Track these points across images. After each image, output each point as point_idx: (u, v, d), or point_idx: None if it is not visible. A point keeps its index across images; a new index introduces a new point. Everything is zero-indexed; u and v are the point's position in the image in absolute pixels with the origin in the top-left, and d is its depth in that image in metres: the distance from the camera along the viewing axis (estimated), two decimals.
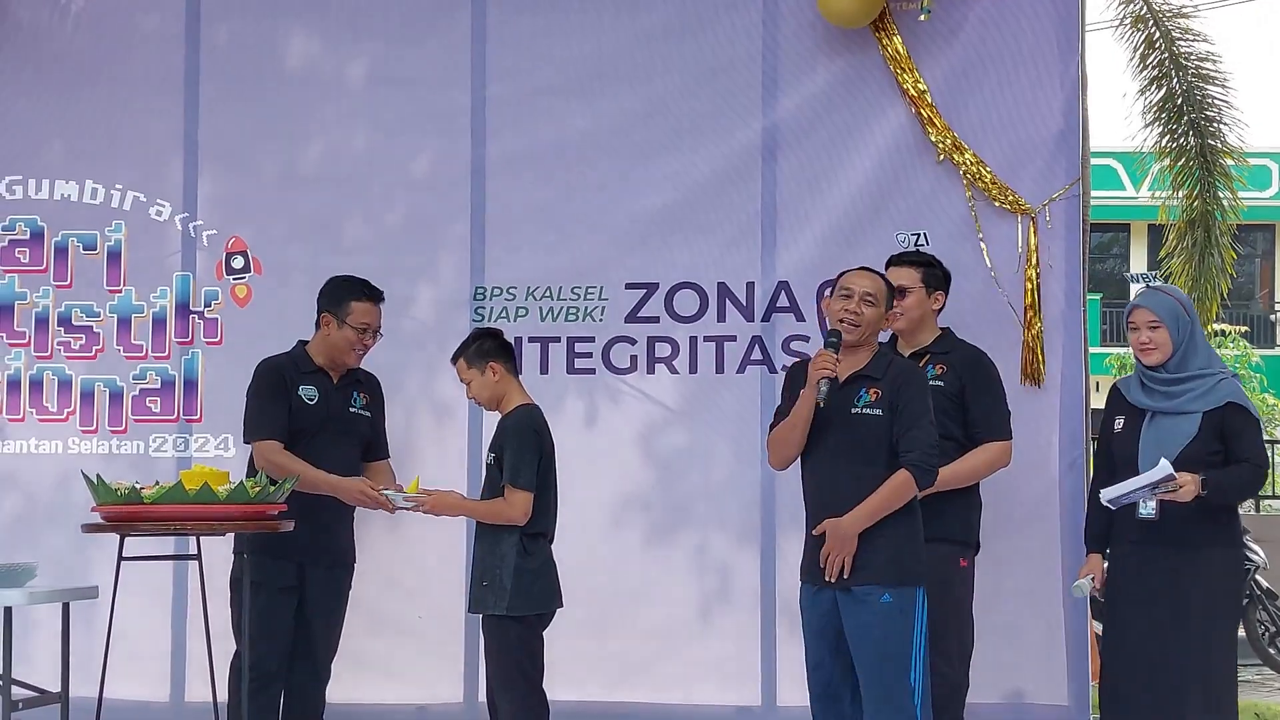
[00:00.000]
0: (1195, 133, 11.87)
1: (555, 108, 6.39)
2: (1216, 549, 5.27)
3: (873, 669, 4.84)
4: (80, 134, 6.50)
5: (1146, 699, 5.27)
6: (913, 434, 4.87)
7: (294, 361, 5.74)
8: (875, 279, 5.09)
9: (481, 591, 5.29)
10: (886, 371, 4.95)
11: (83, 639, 5.64)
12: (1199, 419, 5.25)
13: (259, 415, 5.64)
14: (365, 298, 5.71)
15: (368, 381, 5.87)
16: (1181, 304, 5.41)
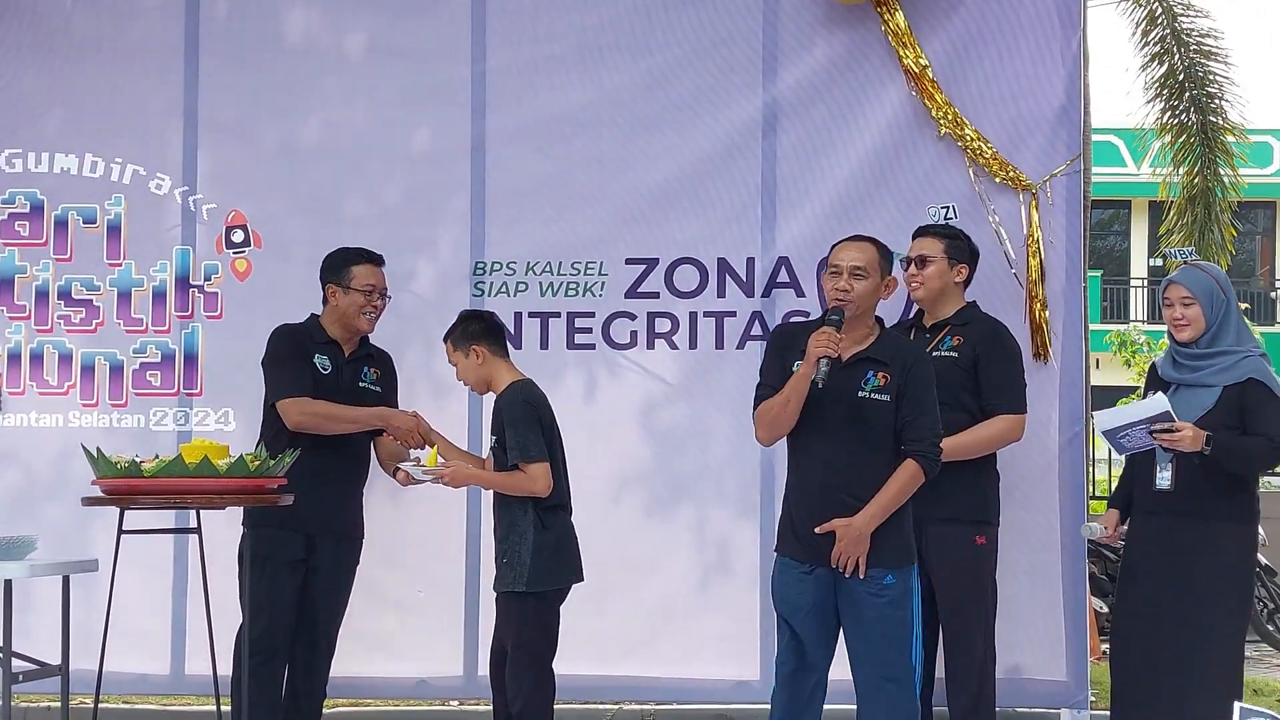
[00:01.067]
0: (1196, 109, 11.87)
1: (555, 81, 6.37)
2: (1230, 524, 5.28)
3: (876, 650, 4.83)
4: (80, 107, 6.49)
5: (1152, 669, 5.30)
6: (919, 422, 4.83)
7: (308, 330, 5.74)
8: (863, 248, 4.95)
9: (501, 569, 5.29)
10: (895, 356, 4.87)
11: (83, 612, 5.64)
12: (1218, 392, 5.25)
13: (283, 374, 5.59)
14: (365, 261, 5.72)
15: (379, 357, 5.86)
16: (1218, 282, 5.38)
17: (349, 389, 5.70)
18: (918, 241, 5.71)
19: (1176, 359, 5.40)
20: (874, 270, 4.91)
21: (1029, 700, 6.14)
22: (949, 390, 5.51)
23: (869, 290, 4.89)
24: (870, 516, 4.78)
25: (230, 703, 5.54)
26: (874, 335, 4.92)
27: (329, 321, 5.75)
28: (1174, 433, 5.12)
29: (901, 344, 5.00)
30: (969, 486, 5.53)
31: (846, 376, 4.83)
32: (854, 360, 4.86)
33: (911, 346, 5.07)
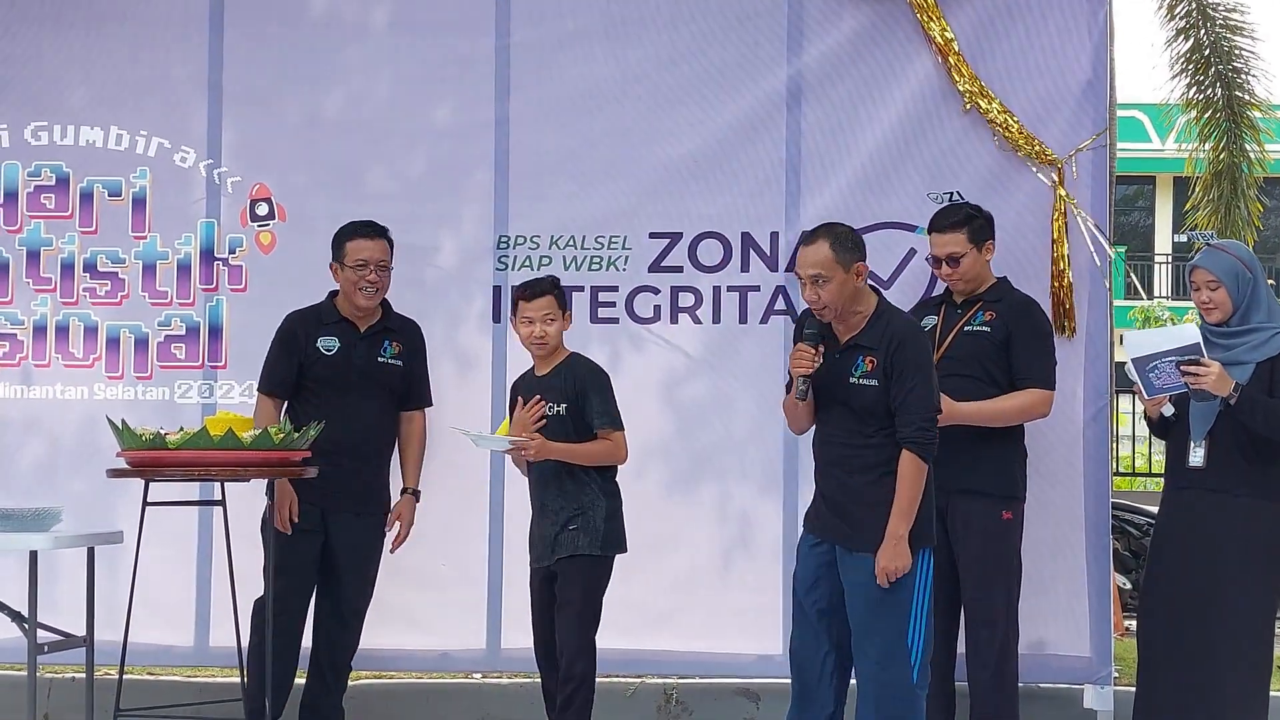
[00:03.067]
0: (1222, 84, 11.81)
1: (579, 55, 6.36)
2: (1262, 502, 5.26)
3: (871, 629, 4.86)
4: (105, 80, 6.49)
5: (1180, 646, 5.30)
6: (907, 404, 4.82)
7: (318, 313, 5.78)
8: (817, 250, 4.87)
9: (569, 535, 5.31)
10: (882, 338, 4.87)
11: (107, 583, 5.67)
12: (1251, 369, 5.24)
13: (263, 367, 5.79)
14: (357, 235, 5.73)
15: (403, 329, 5.85)
16: (1243, 261, 5.36)
17: (365, 365, 5.71)
18: (937, 239, 5.62)
19: (1209, 338, 5.37)
20: (833, 268, 4.86)
21: (1052, 676, 6.13)
22: (980, 365, 5.53)
23: (836, 290, 4.87)
24: (898, 525, 4.80)
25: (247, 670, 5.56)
26: (867, 318, 4.92)
27: (341, 299, 5.78)
28: (1201, 369, 5.10)
29: (890, 325, 4.92)
30: (997, 461, 5.55)
31: (839, 364, 4.90)
32: (846, 347, 4.92)
33: (900, 326, 4.93)
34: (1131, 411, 13.09)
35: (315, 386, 5.70)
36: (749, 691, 6.31)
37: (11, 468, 6.46)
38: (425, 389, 5.94)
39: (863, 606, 4.87)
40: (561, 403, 5.38)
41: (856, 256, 4.91)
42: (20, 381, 6.46)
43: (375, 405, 5.73)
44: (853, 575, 4.89)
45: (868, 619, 4.87)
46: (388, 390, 5.78)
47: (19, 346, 6.46)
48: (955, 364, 5.57)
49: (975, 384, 5.55)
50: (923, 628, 4.86)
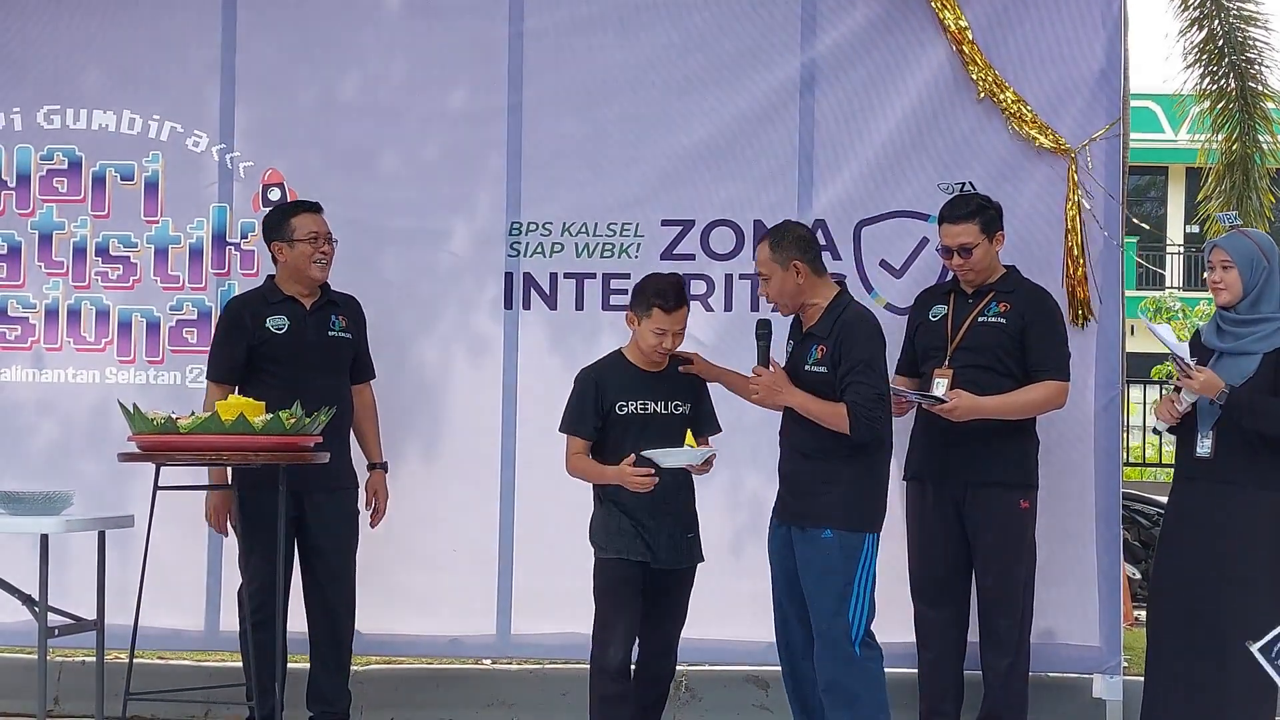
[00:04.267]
0: (1236, 75, 11.79)
1: (593, 42, 6.34)
2: (1269, 493, 5.26)
3: (813, 601, 5.14)
4: (117, 63, 6.48)
5: (1188, 636, 5.30)
6: (851, 387, 5.05)
7: (262, 295, 5.82)
8: (760, 250, 5.25)
9: (687, 541, 5.34)
10: (832, 329, 5.13)
11: (118, 567, 5.69)
12: (1258, 359, 5.24)
13: (210, 357, 5.84)
14: (303, 211, 5.78)
15: (346, 304, 5.88)
16: (1260, 248, 5.35)
17: (317, 340, 5.74)
18: (948, 230, 5.63)
19: (1220, 325, 5.38)
20: (771, 266, 5.20)
21: (1061, 665, 6.13)
22: (995, 356, 5.54)
23: (778, 286, 5.21)
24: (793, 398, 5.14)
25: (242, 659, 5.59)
26: (822, 309, 5.19)
27: (284, 279, 5.79)
28: (1191, 377, 5.17)
29: (841, 316, 5.16)
30: (1013, 450, 5.56)
31: (798, 352, 5.24)
32: (804, 336, 5.23)
33: (848, 317, 5.16)
34: (1143, 401, 13.09)
35: (269, 366, 5.70)
36: (758, 679, 6.31)
37: (23, 451, 6.46)
38: (370, 361, 5.97)
39: (810, 581, 5.15)
40: (687, 403, 5.38)
41: (794, 255, 5.18)
42: (32, 365, 6.47)
43: (330, 379, 5.74)
44: (802, 550, 5.17)
45: (814, 593, 5.14)
46: (340, 364, 5.81)
47: (31, 330, 6.46)
48: (971, 355, 5.57)
49: (991, 375, 5.55)
50: (864, 605, 5.11)
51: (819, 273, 5.25)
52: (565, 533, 6.11)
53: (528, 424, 6.28)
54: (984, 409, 5.47)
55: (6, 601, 5.40)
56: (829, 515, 5.11)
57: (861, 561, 5.12)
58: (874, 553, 5.16)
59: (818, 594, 5.14)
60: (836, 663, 5.12)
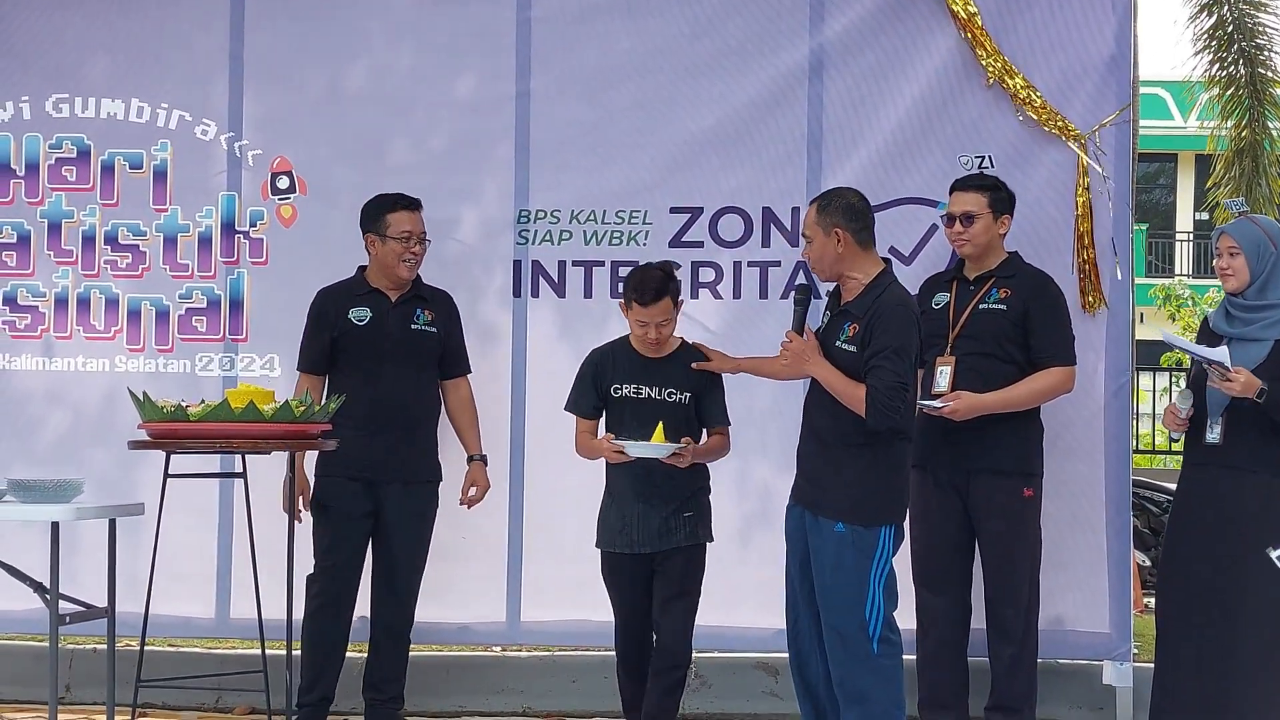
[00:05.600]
0: (1245, 61, 11.76)
1: (600, 29, 6.34)
2: (1275, 478, 5.24)
3: (826, 594, 5.00)
4: (126, 52, 6.49)
5: (1198, 623, 5.28)
6: (875, 371, 4.89)
7: (348, 287, 5.83)
8: (808, 212, 5.15)
9: (686, 522, 5.36)
10: (868, 308, 4.97)
11: (128, 555, 5.69)
12: (1269, 346, 5.22)
13: (300, 349, 5.86)
14: (400, 207, 5.77)
15: (434, 298, 5.88)
16: (1268, 234, 5.32)
17: (399, 333, 5.74)
18: (958, 197, 5.67)
19: (1229, 311, 5.37)
20: (814, 229, 5.05)
21: (1071, 652, 6.12)
22: (997, 343, 5.53)
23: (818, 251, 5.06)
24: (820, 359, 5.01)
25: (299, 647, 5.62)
26: (863, 286, 5.04)
27: (373, 271, 5.81)
28: (1230, 380, 5.10)
29: (879, 297, 5.00)
30: (1017, 438, 5.55)
31: (831, 327, 5.09)
32: (839, 312, 5.09)
33: (885, 299, 4.99)
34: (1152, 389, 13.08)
35: (350, 358, 5.74)
36: (768, 665, 6.32)
37: (33, 439, 6.48)
38: (464, 356, 5.98)
39: (825, 574, 5.00)
40: (686, 391, 5.41)
41: (838, 221, 5.02)
42: (42, 353, 6.48)
43: (412, 373, 5.75)
44: (817, 541, 5.02)
45: (827, 588, 4.99)
46: (424, 358, 5.81)
47: (40, 318, 6.47)
48: (972, 343, 5.56)
49: (994, 363, 5.54)
50: (880, 600, 4.96)
51: (864, 245, 5.05)
52: (574, 520, 6.12)
53: (536, 411, 6.28)
54: (987, 405, 5.45)
55: (18, 589, 5.41)
56: (841, 508, 4.97)
57: (877, 556, 4.96)
58: (891, 546, 5.00)
59: (831, 589, 4.99)
60: (849, 659, 4.97)
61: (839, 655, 4.98)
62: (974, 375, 5.52)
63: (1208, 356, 5.18)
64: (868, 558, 4.94)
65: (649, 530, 5.34)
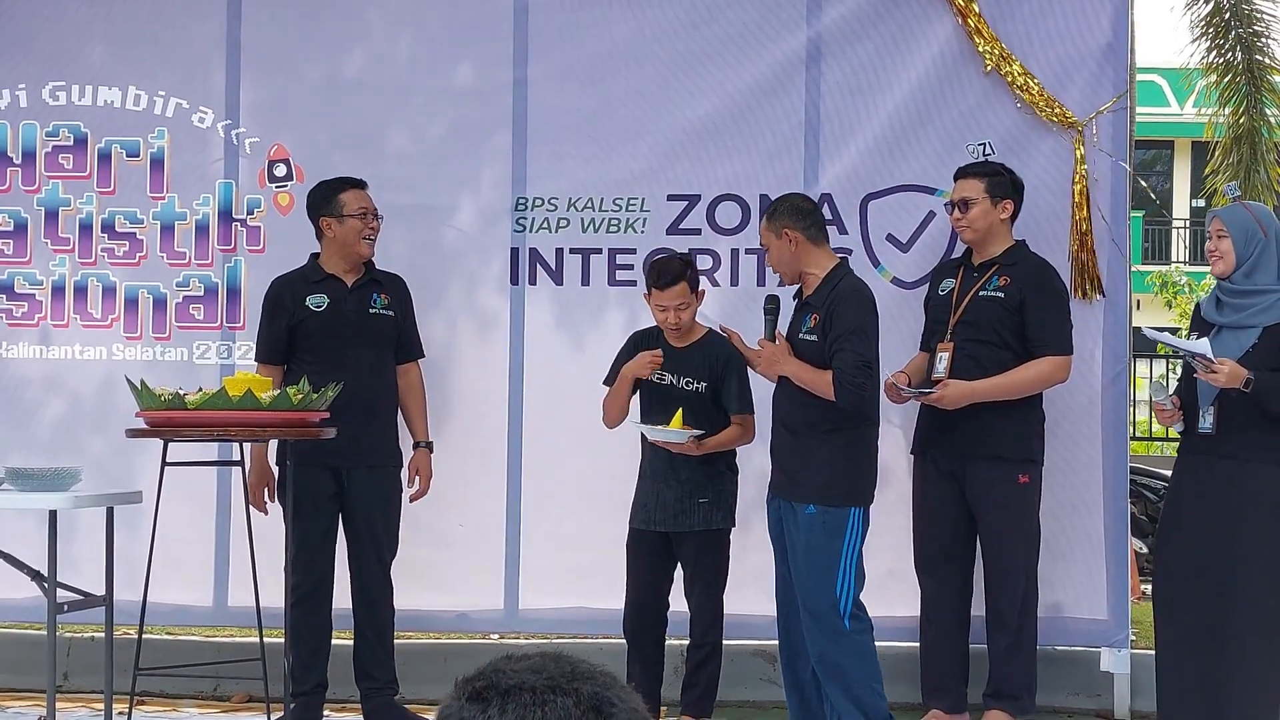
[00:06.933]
0: (1243, 48, 11.73)
1: (598, 16, 6.33)
2: (1270, 466, 5.26)
3: (800, 576, 5.21)
4: (123, 40, 6.47)
5: (1194, 608, 5.31)
6: (838, 354, 5.12)
7: (303, 274, 5.83)
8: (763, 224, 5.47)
9: (702, 507, 5.50)
10: (826, 298, 5.21)
11: (126, 544, 5.70)
12: (1259, 332, 5.24)
13: (257, 340, 5.89)
14: (350, 186, 5.78)
15: (389, 282, 5.88)
16: (1258, 219, 5.35)
17: (357, 317, 5.73)
18: (958, 184, 5.70)
19: (1220, 298, 5.40)
20: (768, 236, 5.40)
21: (1069, 639, 6.13)
22: (995, 330, 5.54)
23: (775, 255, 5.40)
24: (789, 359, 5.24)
25: None
26: (820, 279, 5.28)
27: (328, 256, 5.80)
28: (1215, 371, 5.12)
29: (836, 286, 5.25)
30: (1014, 425, 5.56)
31: (795, 320, 5.33)
32: (801, 305, 5.33)
33: (843, 288, 5.25)
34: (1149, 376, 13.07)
35: (309, 344, 5.73)
36: (765, 653, 6.31)
37: (31, 428, 6.47)
38: (417, 340, 5.97)
39: (797, 557, 5.21)
40: (702, 380, 5.54)
41: (786, 223, 5.32)
42: (39, 341, 6.47)
43: (371, 356, 5.75)
44: (792, 525, 5.24)
45: (800, 569, 5.21)
46: (382, 341, 5.80)
47: (37, 307, 6.46)
48: (971, 329, 5.57)
49: (991, 350, 5.55)
50: (851, 579, 5.17)
51: (816, 242, 5.33)
52: (572, 507, 6.14)
53: (534, 399, 6.28)
54: (977, 393, 5.47)
55: (16, 578, 5.42)
56: (811, 491, 5.20)
57: (847, 537, 5.17)
58: (860, 527, 5.20)
59: (804, 570, 5.20)
60: (825, 637, 5.19)
61: (815, 634, 5.20)
62: (972, 362, 5.53)
63: (1190, 350, 5.20)
64: (838, 537, 5.16)
65: (665, 510, 5.52)
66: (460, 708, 1.61)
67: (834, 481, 5.19)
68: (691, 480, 5.50)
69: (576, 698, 1.60)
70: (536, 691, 1.61)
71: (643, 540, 5.60)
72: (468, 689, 1.63)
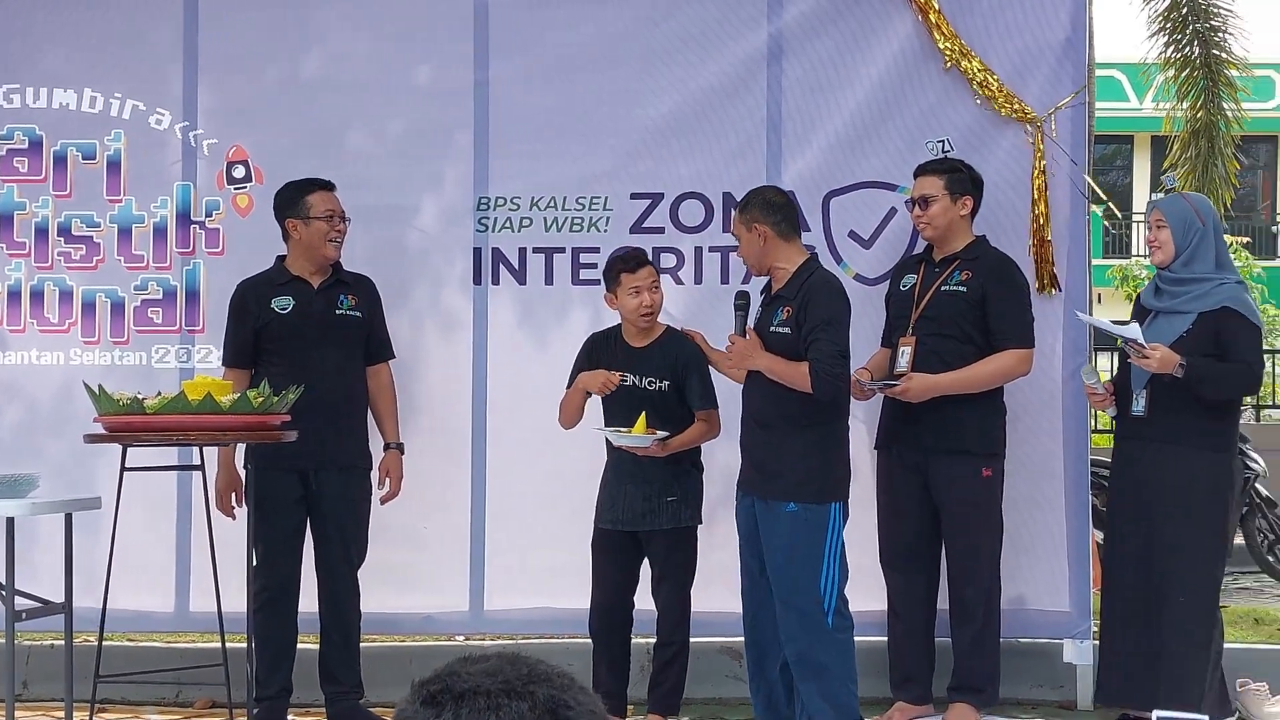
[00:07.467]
0: (1200, 43, 11.79)
1: (559, 15, 6.31)
2: (1203, 453, 5.36)
3: (781, 574, 5.18)
4: (79, 41, 6.41)
5: (1130, 590, 5.46)
6: (813, 345, 5.11)
7: (268, 277, 5.79)
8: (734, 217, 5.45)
9: (670, 506, 5.50)
10: (798, 291, 5.20)
11: (86, 550, 5.66)
12: (1193, 318, 5.37)
13: (224, 344, 5.84)
14: (317, 188, 5.75)
15: (357, 283, 5.84)
16: (1196, 210, 5.50)
17: (324, 319, 5.70)
18: (917, 182, 5.72)
19: (1159, 285, 5.55)
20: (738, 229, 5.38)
21: (1032, 630, 6.15)
22: (957, 324, 5.55)
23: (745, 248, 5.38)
24: (761, 353, 5.21)
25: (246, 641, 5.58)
26: (790, 273, 5.27)
27: (294, 258, 5.76)
28: (1146, 356, 5.24)
29: (807, 279, 5.25)
30: (976, 419, 5.58)
31: (765, 314, 5.31)
32: (772, 298, 5.31)
33: (814, 281, 5.25)
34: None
35: (275, 347, 5.69)
36: (732, 650, 6.31)
37: None
38: (387, 341, 5.94)
39: (779, 556, 5.17)
40: (664, 379, 5.53)
41: (757, 218, 5.31)
42: None
43: (339, 358, 5.71)
44: (769, 524, 5.20)
45: (784, 567, 5.16)
46: (349, 342, 5.77)
47: None
48: (932, 324, 5.59)
49: (953, 344, 5.57)
50: (835, 575, 5.15)
51: (786, 236, 5.32)
52: (537, 508, 6.12)
53: (498, 399, 6.26)
54: (940, 386, 5.49)
55: None
56: (791, 489, 5.15)
57: (829, 532, 5.15)
58: (841, 522, 5.19)
59: (786, 567, 5.15)
60: (807, 634, 5.14)
61: (796, 632, 5.15)
62: (934, 356, 5.55)
63: (1122, 334, 5.32)
64: (821, 534, 5.13)
65: (633, 509, 5.51)
66: (415, 712, 1.59)
67: (811, 478, 5.17)
68: (659, 479, 5.50)
69: (532, 701, 1.59)
70: (491, 695, 1.59)
71: (609, 540, 5.58)
72: (423, 692, 1.61)
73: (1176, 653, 5.35)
